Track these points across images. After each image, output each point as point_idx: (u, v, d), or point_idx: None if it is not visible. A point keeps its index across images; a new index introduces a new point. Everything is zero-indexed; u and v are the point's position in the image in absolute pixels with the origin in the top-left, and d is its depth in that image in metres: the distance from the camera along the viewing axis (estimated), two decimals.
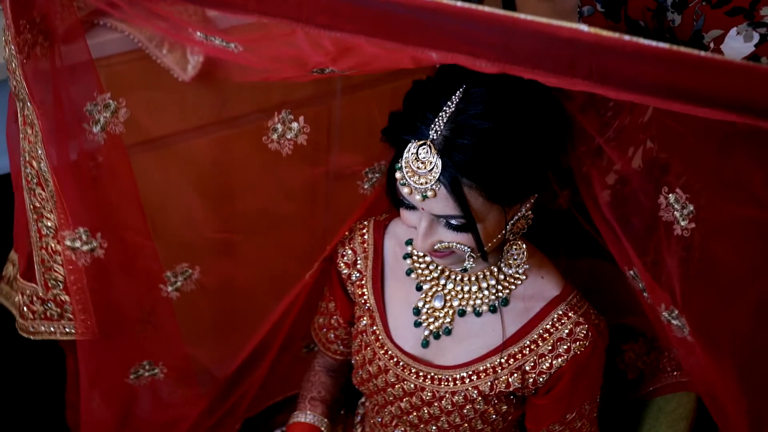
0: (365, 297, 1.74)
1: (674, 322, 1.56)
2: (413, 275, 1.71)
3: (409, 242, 1.72)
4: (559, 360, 1.61)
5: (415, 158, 1.45)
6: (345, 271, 1.77)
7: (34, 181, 1.58)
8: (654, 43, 1.05)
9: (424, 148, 1.44)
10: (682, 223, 1.46)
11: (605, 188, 1.59)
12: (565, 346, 1.61)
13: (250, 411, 2.01)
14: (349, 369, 1.91)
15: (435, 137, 1.43)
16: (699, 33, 1.49)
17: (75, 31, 1.53)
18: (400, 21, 1.15)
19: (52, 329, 1.70)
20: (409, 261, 1.71)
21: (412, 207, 1.52)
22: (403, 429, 1.76)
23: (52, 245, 1.62)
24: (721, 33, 1.47)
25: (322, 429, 1.84)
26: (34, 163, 1.56)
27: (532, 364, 1.63)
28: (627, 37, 1.06)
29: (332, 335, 1.86)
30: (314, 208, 1.97)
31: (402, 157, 1.47)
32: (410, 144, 1.46)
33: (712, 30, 1.48)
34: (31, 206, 1.61)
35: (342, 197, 1.83)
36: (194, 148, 1.78)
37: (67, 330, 1.69)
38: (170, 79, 2.82)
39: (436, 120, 1.43)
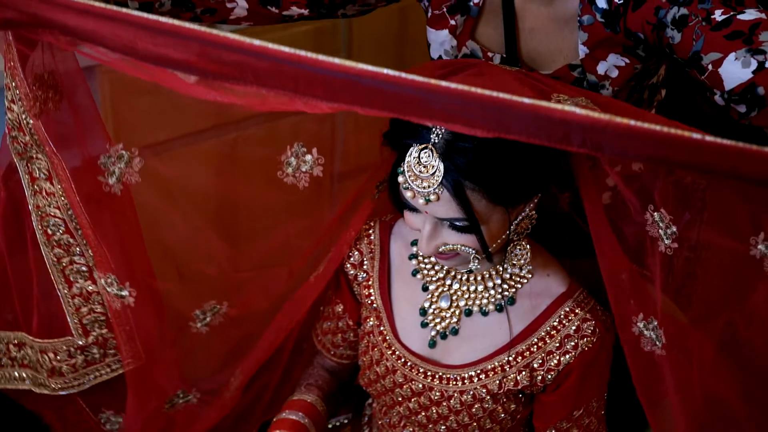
0: (372, 297, 1.74)
1: (647, 333, 1.56)
2: (419, 276, 1.71)
3: (414, 243, 1.72)
4: (567, 356, 1.61)
5: (417, 162, 1.45)
6: (351, 272, 1.77)
7: (61, 230, 1.60)
8: (646, 125, 1.09)
9: (425, 152, 1.44)
10: (666, 242, 1.46)
11: (606, 189, 1.59)
12: (573, 343, 1.61)
13: (266, 415, 2.01)
14: (350, 372, 1.91)
15: (436, 141, 1.44)
16: (698, 54, 1.49)
17: (78, 82, 1.55)
18: (396, 96, 1.17)
19: (97, 373, 1.73)
20: (414, 261, 1.71)
21: (415, 210, 1.52)
22: (411, 429, 1.76)
23: (88, 287, 1.65)
24: (720, 56, 1.47)
25: (317, 407, 1.82)
26: (59, 213, 1.59)
27: (540, 361, 1.62)
28: (618, 119, 1.09)
29: (339, 339, 1.85)
30: (322, 212, 1.98)
31: (404, 161, 1.47)
32: (412, 148, 1.46)
33: (711, 52, 1.48)
34: (53, 259, 1.63)
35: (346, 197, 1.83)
36: (209, 189, 1.81)
37: (113, 368, 1.73)
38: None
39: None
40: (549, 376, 1.63)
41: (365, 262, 1.75)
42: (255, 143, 1.70)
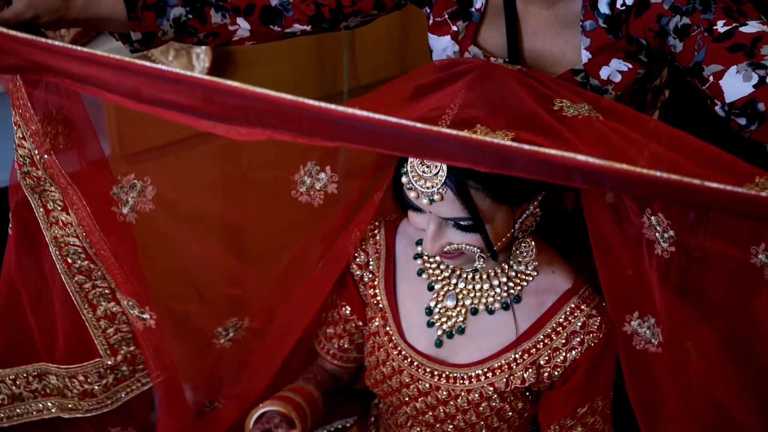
0: (378, 298, 1.74)
1: (641, 330, 1.56)
2: (424, 275, 1.70)
3: (419, 242, 1.72)
4: (574, 353, 1.61)
5: (421, 162, 1.45)
6: (357, 273, 1.76)
7: (81, 257, 1.63)
8: (644, 171, 1.12)
9: None
10: (663, 245, 1.46)
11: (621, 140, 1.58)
12: (579, 339, 1.61)
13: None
14: (351, 376, 1.90)
15: (443, 126, 1.43)
16: (699, 65, 1.49)
17: (83, 119, 1.57)
18: (400, 139, 1.19)
19: (128, 389, 1.76)
20: (419, 261, 1.71)
21: (419, 210, 1.52)
22: (419, 429, 1.76)
23: (112, 309, 1.68)
24: (721, 69, 1.47)
25: (314, 394, 1.81)
26: (77, 241, 1.61)
27: (547, 358, 1.62)
28: (617, 165, 1.11)
29: (346, 342, 1.83)
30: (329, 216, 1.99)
31: (407, 161, 1.47)
32: None
33: (713, 64, 1.48)
34: (75, 286, 1.65)
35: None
36: (224, 213, 1.83)
37: (143, 382, 1.76)
38: None
39: (440, 123, 1.43)
40: (556, 373, 1.62)
41: (371, 263, 1.75)
42: (267, 165, 1.72)
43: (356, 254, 1.76)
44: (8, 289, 1.68)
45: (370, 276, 1.75)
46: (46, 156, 1.53)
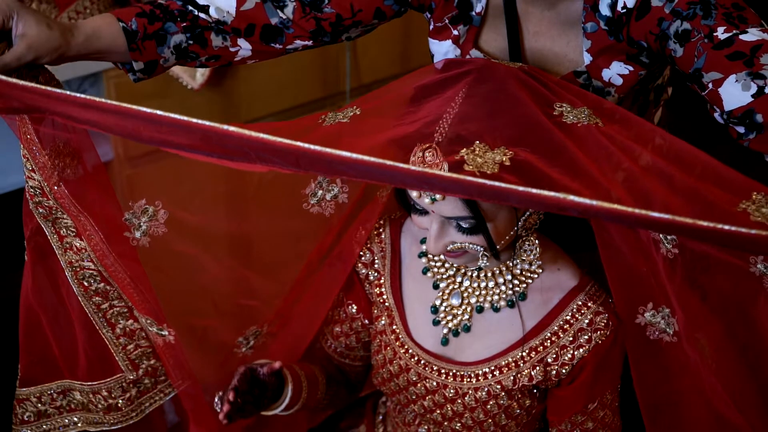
0: (384, 296, 1.74)
1: (655, 321, 1.56)
2: (429, 274, 1.71)
3: (424, 241, 1.72)
4: (581, 350, 1.61)
5: (422, 161, 1.45)
6: (363, 272, 1.76)
7: (97, 280, 1.65)
8: (636, 211, 1.15)
9: (430, 152, 1.44)
10: (668, 246, 1.46)
11: (621, 151, 1.58)
12: (586, 336, 1.61)
13: (311, 422, 2.02)
14: (357, 374, 1.90)
15: (440, 140, 1.43)
16: (699, 71, 1.50)
17: (90, 151, 1.60)
18: (397, 175, 1.24)
19: (152, 401, 1.78)
20: (424, 260, 1.71)
21: (422, 210, 1.52)
22: (426, 427, 1.76)
23: (130, 326, 1.70)
24: (721, 77, 1.47)
25: (315, 372, 1.80)
26: (92, 265, 1.63)
27: (554, 356, 1.62)
28: (607, 205, 1.15)
29: (353, 340, 1.83)
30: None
31: (409, 161, 1.47)
32: (416, 147, 1.46)
33: (712, 71, 1.48)
34: (93, 308, 1.67)
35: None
36: (237, 230, 1.85)
37: (166, 392, 1.78)
38: (179, 87, 2.84)
39: (441, 122, 1.44)
40: (563, 371, 1.63)
41: (376, 261, 1.75)
42: (277, 181, 1.74)
43: (362, 253, 1.76)
44: (28, 313, 1.70)
45: (376, 275, 1.75)
46: (56, 187, 1.55)
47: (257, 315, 1.87)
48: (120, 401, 1.75)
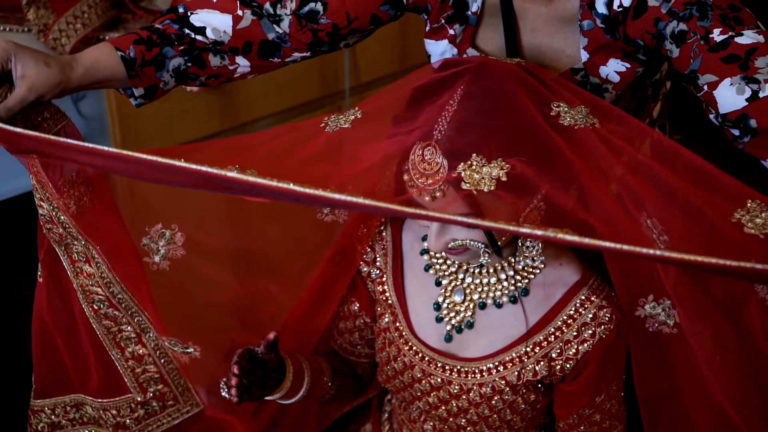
0: (386, 294, 1.75)
1: (655, 312, 1.57)
2: (431, 271, 1.71)
3: (425, 238, 1.72)
4: (585, 345, 1.61)
5: (421, 160, 1.45)
6: (365, 269, 1.77)
7: (105, 305, 1.67)
8: (625, 248, 1.18)
9: (429, 150, 1.44)
10: (661, 246, 1.46)
11: (612, 181, 1.58)
12: (591, 331, 1.61)
13: (320, 425, 2.02)
14: (364, 368, 1.90)
15: (439, 138, 1.44)
16: (695, 73, 1.51)
17: (100, 176, 1.63)
18: (393, 211, 1.28)
19: (159, 423, 1.80)
20: (426, 257, 1.72)
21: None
22: (432, 424, 1.77)
23: (138, 351, 1.73)
24: (716, 80, 1.48)
25: (322, 364, 1.81)
26: (101, 290, 1.66)
27: (559, 351, 1.63)
28: (595, 242, 1.19)
29: (357, 337, 1.84)
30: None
31: (408, 159, 1.47)
32: (415, 146, 1.46)
33: (708, 74, 1.49)
34: (104, 330, 1.70)
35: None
36: (254, 245, 1.86)
37: (173, 416, 1.81)
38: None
39: (439, 120, 1.44)
40: (568, 366, 1.63)
41: (378, 259, 1.76)
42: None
43: (362, 250, 1.76)
44: (41, 327, 1.73)
45: (378, 272, 1.76)
46: (65, 217, 1.58)
47: (278, 319, 1.88)
48: (128, 420, 1.78)
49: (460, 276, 1.68)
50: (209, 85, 1.78)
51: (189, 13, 1.67)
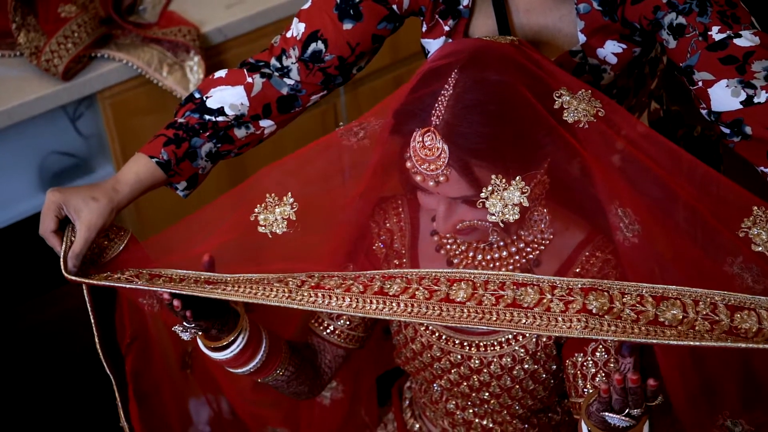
0: None
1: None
2: (442, 251, 1.71)
3: (434, 219, 1.73)
4: None
5: (422, 146, 1.47)
6: (383, 250, 1.75)
7: None
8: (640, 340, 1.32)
9: (429, 135, 1.46)
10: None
11: (615, 153, 1.59)
12: None
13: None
14: (333, 359, 1.83)
15: (438, 123, 1.45)
16: (691, 68, 1.52)
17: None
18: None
19: None
20: (436, 238, 1.72)
21: (428, 192, 1.54)
22: (455, 402, 1.77)
23: None
24: (712, 79, 1.50)
25: (282, 340, 1.75)
26: None
27: None
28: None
29: (357, 318, 1.79)
30: None
31: (409, 146, 1.49)
32: (415, 132, 1.48)
33: (704, 71, 1.51)
34: None
35: None
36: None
37: None
38: (175, 100, 2.85)
39: (437, 105, 1.45)
40: None
41: (395, 240, 1.75)
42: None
43: (381, 233, 1.76)
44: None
45: (395, 254, 1.75)
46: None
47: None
48: None
49: (471, 254, 1.68)
50: (243, 152, 1.81)
51: (204, 98, 1.72)
